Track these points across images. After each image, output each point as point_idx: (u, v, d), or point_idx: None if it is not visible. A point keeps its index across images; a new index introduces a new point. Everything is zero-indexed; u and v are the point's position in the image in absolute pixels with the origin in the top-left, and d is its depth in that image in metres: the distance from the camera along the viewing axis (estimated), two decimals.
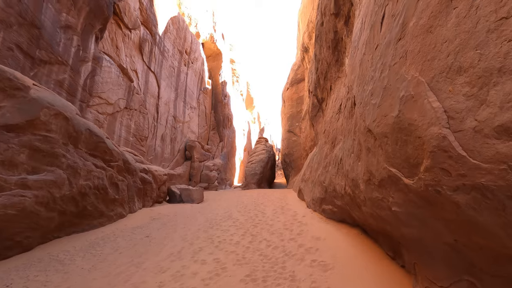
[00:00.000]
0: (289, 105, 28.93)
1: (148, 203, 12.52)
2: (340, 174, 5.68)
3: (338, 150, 5.86)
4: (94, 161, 8.12)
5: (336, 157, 6.15)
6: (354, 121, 3.87)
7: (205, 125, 31.45)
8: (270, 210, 10.88)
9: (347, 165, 4.54)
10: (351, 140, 4.13)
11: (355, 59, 3.95)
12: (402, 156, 2.18)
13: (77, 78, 10.33)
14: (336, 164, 6.21)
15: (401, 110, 2.10)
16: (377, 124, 2.55)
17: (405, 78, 2.05)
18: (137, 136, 15.66)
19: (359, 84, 3.43)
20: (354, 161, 3.85)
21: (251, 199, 14.96)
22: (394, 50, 2.25)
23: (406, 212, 2.51)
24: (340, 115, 6.62)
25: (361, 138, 3.31)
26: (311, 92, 12.12)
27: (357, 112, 3.65)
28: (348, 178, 4.52)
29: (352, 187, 4.24)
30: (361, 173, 3.52)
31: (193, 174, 24.72)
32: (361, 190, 3.65)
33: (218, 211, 11.72)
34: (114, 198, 9.00)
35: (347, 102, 5.52)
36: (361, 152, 3.47)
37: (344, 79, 6.87)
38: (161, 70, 19.50)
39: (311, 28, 21.44)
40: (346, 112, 5.12)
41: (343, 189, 5.46)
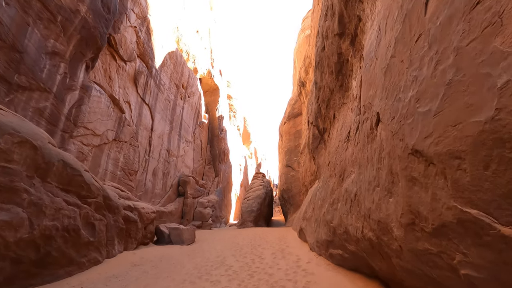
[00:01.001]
0: (286, 139, 28.41)
1: (132, 245, 11.11)
2: (354, 213, 4.71)
3: (350, 184, 4.95)
4: (66, 197, 7.05)
5: (347, 192, 5.21)
6: (378, 145, 3.04)
7: (201, 159, 30.53)
8: (269, 253, 9.58)
9: (367, 202, 3.61)
10: (373, 170, 3.26)
11: (373, 71, 3.25)
12: (497, 188, 1.32)
13: (61, 106, 9.62)
14: (347, 201, 5.25)
15: (502, 109, 1.28)
16: (437, 140, 1.72)
17: (507, 54, 1.27)
18: (125, 170, 14.63)
19: (386, 97, 2.68)
20: (382, 197, 2.94)
21: (247, 240, 13.55)
22: (467, 23, 1.52)
23: (492, 279, 1.56)
24: (348, 143, 5.82)
25: (396, 166, 2.45)
26: (311, 123, 11.48)
27: (383, 133, 2.84)
28: (369, 219, 3.56)
29: (377, 231, 3.27)
30: (395, 214, 2.60)
31: (185, 212, 23.20)
32: (395, 236, 2.70)
33: (210, 254, 10.34)
34: (88, 241, 7.75)
35: (359, 125, 4.73)
36: (394, 185, 2.58)
37: (351, 104, 6.20)
38: (156, 103, 19.08)
39: (307, 63, 21.68)
40: (361, 137, 4.31)
41: (360, 232, 4.45)
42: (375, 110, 3.06)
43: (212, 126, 33.93)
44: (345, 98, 6.81)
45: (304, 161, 19.04)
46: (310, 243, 9.79)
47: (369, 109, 3.43)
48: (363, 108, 3.73)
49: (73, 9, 9.51)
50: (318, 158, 10.76)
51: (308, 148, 15.61)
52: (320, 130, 9.95)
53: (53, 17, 8.83)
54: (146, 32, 17.06)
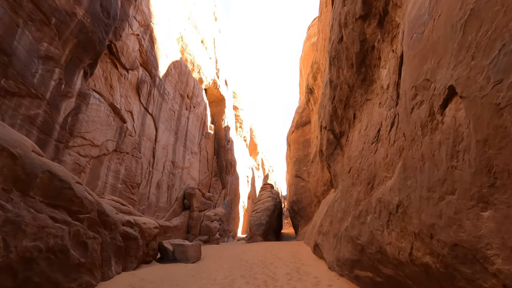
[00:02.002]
0: (295, 149, 27.43)
1: (131, 264, 10.15)
2: (395, 229, 3.73)
3: (388, 193, 3.98)
4: (53, 213, 6.22)
5: (382, 202, 4.24)
6: (450, 134, 2.13)
7: (207, 171, 29.68)
8: (283, 273, 8.50)
9: (425, 215, 2.66)
10: (438, 170, 2.34)
11: (432, 35, 2.40)
12: None
13: (55, 114, 8.95)
14: (382, 214, 4.28)
15: None
16: None
17: None
18: (127, 182, 13.83)
19: (472, 57, 1.81)
20: (464, 209, 2.00)
21: (257, 257, 12.45)
22: None
23: None
24: (378, 144, 4.88)
25: (503, 159, 1.54)
26: (324, 127, 10.57)
27: (462, 114, 1.95)
28: (431, 239, 2.60)
29: (449, 257, 2.31)
30: (498, 236, 1.66)
31: (191, 226, 22.17)
32: (495, 271, 1.73)
33: (217, 275, 9.31)
34: (79, 262, 6.85)
35: (395, 120, 3.82)
36: (496, 191, 1.66)
37: (378, 98, 5.29)
38: (159, 113, 18.47)
39: (315, 69, 20.96)
40: (404, 132, 3.39)
41: (405, 254, 3.46)
42: (441, 84, 2.18)
43: (218, 137, 33.24)
44: (369, 93, 5.92)
45: (315, 170, 17.99)
46: (328, 261, 8.70)
47: (425, 90, 2.55)
48: (412, 92, 2.84)
49: (69, 11, 8.98)
50: (334, 165, 9.78)
51: (321, 155, 14.62)
52: (336, 134, 9.02)
53: (47, 19, 8.28)
54: (149, 40, 16.63)
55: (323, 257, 10.02)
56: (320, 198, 16.60)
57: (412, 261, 3.35)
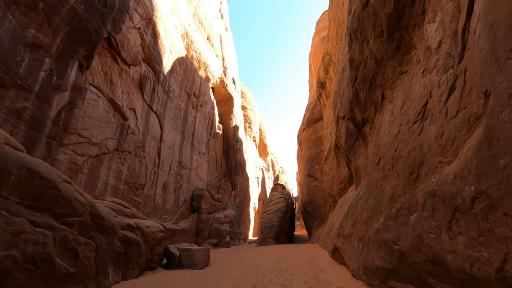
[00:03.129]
0: (306, 147, 26.25)
1: (133, 272, 9.28)
2: (468, 231, 2.65)
3: (451, 183, 2.91)
4: (33, 216, 5.37)
5: (441, 196, 3.16)
6: None
7: (216, 172, 28.83)
8: (301, 282, 7.44)
9: None
10: None
11: None
12: None
13: (46, 109, 8.19)
14: (440, 212, 3.20)
15: None
16: None
17: None
18: (130, 183, 13.04)
19: None
20: None
21: (270, 262, 11.40)
22: None
23: None
24: (425, 122, 3.80)
25: None
26: (342, 117, 9.48)
27: None
28: None
29: None
30: None
31: (200, 229, 21.30)
32: None
33: (225, 284, 8.32)
34: (68, 272, 5.99)
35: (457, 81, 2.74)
36: None
37: (420, 66, 4.20)
38: (165, 111, 17.70)
39: (327, 61, 19.83)
40: (481, 94, 2.33)
41: (491, 269, 2.40)
42: None
43: (227, 137, 32.39)
44: (404, 64, 4.83)
45: (330, 167, 16.82)
46: (352, 268, 7.59)
47: None
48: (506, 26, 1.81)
49: None
50: (355, 159, 8.66)
51: (336, 151, 13.48)
52: (357, 123, 7.92)
53: (33, 3, 7.53)
54: (152, 35, 15.90)
55: (344, 262, 8.90)
56: (336, 197, 15.43)
57: (503, 279, 2.27)
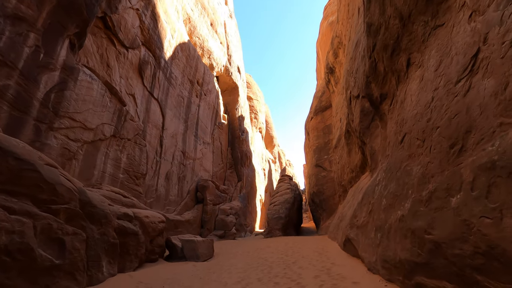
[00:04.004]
0: (314, 136, 25.36)
1: (131, 264, 8.73)
2: None
3: None
4: (9, 202, 4.75)
5: (506, 166, 2.37)
6: None
7: (221, 163, 28.23)
8: (311, 276, 6.73)
9: None
10: None
11: None
12: None
13: (33, 89, 7.55)
14: (503, 190, 2.40)
15: None
16: None
17: None
18: (130, 172, 12.47)
19: None
20: None
21: (277, 254, 10.74)
22: None
23: None
24: (473, 78, 2.97)
25: None
26: (356, 97, 8.61)
27: None
28: None
29: None
30: None
31: (205, 220, 20.80)
32: None
33: (229, 278, 7.68)
34: (53, 264, 5.40)
35: None
36: None
37: (466, 9, 3.34)
38: (166, 98, 17.01)
39: (336, 44, 18.76)
40: None
41: None
42: None
43: (232, 127, 31.67)
44: (440, 16, 3.96)
45: (340, 156, 15.98)
46: (368, 261, 6.84)
47: None
48: None
49: None
50: (371, 141, 7.82)
51: (347, 137, 12.61)
52: (374, 100, 7.06)
53: None
54: (151, 17, 15.10)
55: (358, 255, 8.16)
56: (347, 187, 14.62)
57: None
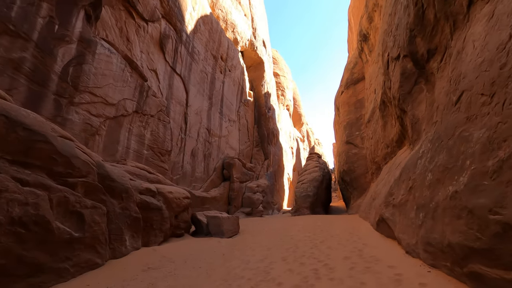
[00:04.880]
0: (345, 112, 23.86)
1: (156, 238, 8.74)
2: None
3: None
4: (22, 173, 4.60)
5: None
6: None
7: (248, 140, 27.87)
8: (340, 258, 6.14)
9: None
10: None
11: None
12: None
13: (50, 62, 7.39)
14: None
15: None
16: None
17: None
18: (154, 149, 12.43)
19: None
20: None
21: (304, 233, 10.25)
22: None
23: None
24: None
25: None
26: (395, 58, 7.44)
27: None
28: None
29: None
30: None
31: (232, 197, 20.84)
32: None
33: (252, 255, 7.34)
34: (72, 237, 5.33)
35: None
36: None
37: None
38: (189, 74, 16.60)
39: (371, 7, 16.82)
40: None
41: None
42: None
43: (258, 104, 30.90)
44: None
45: (374, 130, 14.73)
46: (406, 243, 6.05)
47: None
48: None
49: None
50: (413, 108, 6.75)
51: (382, 109, 11.37)
52: (418, 59, 5.94)
53: None
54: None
55: (393, 236, 7.37)
56: (381, 163, 13.51)
57: None
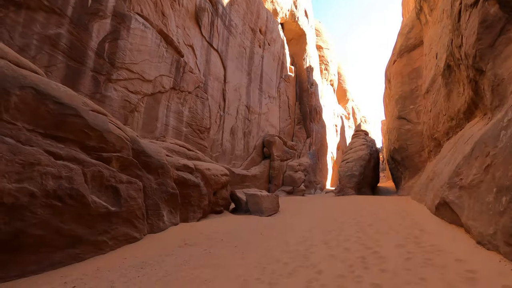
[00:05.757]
0: (397, 83, 21.39)
1: (194, 214, 8.75)
2: None
3: None
4: (55, 147, 4.59)
5: None
6: None
7: (289, 118, 26.94)
8: (392, 246, 5.30)
9: None
10: None
11: None
12: None
13: (85, 38, 7.39)
14: None
15: None
16: None
17: None
18: (193, 126, 12.38)
19: None
20: None
21: (349, 215, 9.43)
22: None
23: None
24: None
25: None
26: (470, 5, 5.91)
27: None
28: None
29: None
30: None
31: (273, 176, 20.51)
32: None
33: (291, 236, 6.86)
34: (108, 211, 5.35)
35: None
36: None
37: None
38: (227, 49, 16.05)
39: None
40: None
41: None
42: None
43: (300, 79, 29.42)
44: None
45: (433, 102, 12.80)
46: (478, 232, 4.97)
47: None
48: None
49: None
50: (496, 66, 5.34)
51: (449, 73, 9.59)
52: None
53: None
54: None
55: (459, 222, 6.23)
56: (441, 139, 11.77)
57: None
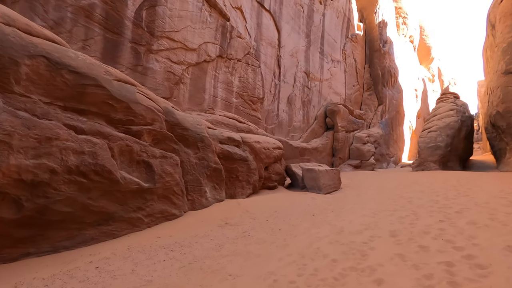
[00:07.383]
0: (506, 27, 16.34)
1: (243, 190, 8.18)
2: None
3: None
4: (75, 121, 4.30)
5: None
6: None
7: (356, 84, 23.95)
8: (499, 248, 3.62)
9: None
10: None
11: None
12: None
13: (121, 6, 7.02)
14: None
15: None
16: None
17: None
18: (244, 97, 11.60)
19: None
20: None
21: (429, 196, 7.48)
22: None
23: None
24: None
25: None
26: None
27: None
28: None
29: None
30: None
31: (337, 148, 18.70)
32: None
33: (349, 221, 5.61)
34: (141, 187, 5.05)
35: None
36: None
37: None
38: (281, 8, 14.38)
39: None
40: None
41: None
42: None
43: (370, 38, 25.56)
44: None
45: None
46: None
47: None
48: None
49: None
50: None
51: None
52: None
53: None
54: None
55: None
56: None
57: None
